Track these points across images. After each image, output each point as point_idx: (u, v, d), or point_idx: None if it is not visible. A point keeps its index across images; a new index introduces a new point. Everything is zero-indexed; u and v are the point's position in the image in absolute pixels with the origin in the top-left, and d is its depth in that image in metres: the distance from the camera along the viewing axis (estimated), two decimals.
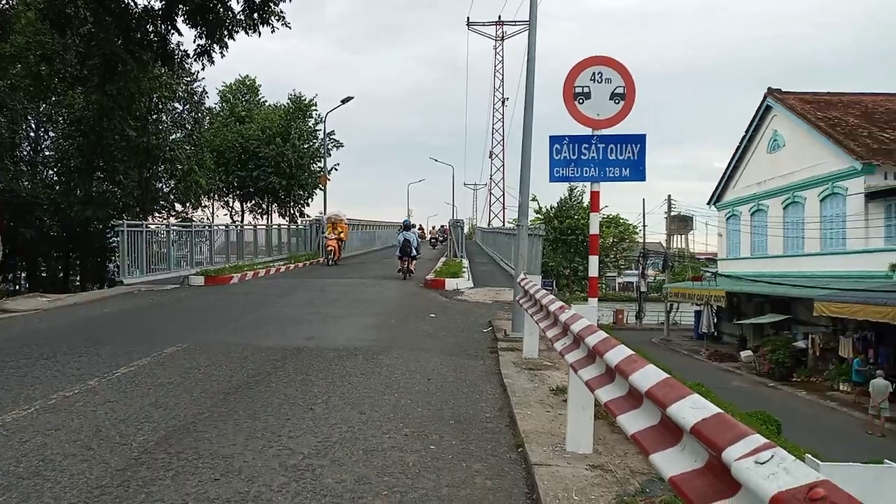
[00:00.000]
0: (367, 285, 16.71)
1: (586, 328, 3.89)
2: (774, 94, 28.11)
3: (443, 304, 13.75)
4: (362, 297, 14.13)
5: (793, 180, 26.43)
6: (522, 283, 7.83)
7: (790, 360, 23.68)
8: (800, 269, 25.44)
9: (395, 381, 6.67)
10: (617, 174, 7.14)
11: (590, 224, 7.35)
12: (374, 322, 10.75)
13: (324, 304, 12.92)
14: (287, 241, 28.00)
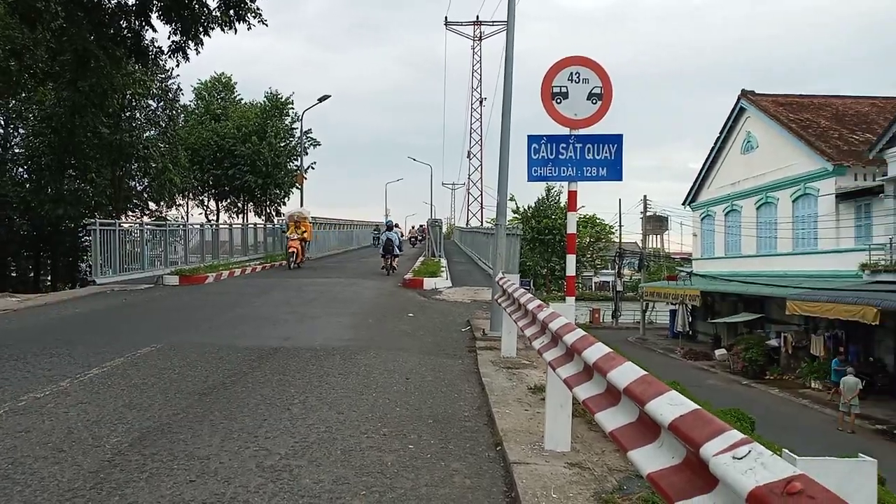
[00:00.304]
0: (345, 285, 16.63)
1: (564, 326, 3.91)
2: (748, 96, 28.52)
3: (421, 303, 13.74)
4: (340, 297, 14.07)
5: (766, 181, 26.85)
6: (501, 282, 7.85)
7: (763, 359, 24.05)
8: (773, 269, 25.85)
9: (373, 380, 6.64)
10: (594, 174, 7.18)
11: (567, 223, 7.38)
12: (351, 322, 10.70)
13: (301, 303, 12.85)
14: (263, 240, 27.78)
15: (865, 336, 20.34)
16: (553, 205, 48.43)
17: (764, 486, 1.44)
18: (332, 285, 16.47)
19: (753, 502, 1.45)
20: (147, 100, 29.13)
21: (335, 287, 16.07)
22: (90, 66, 16.88)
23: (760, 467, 1.50)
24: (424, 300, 14.29)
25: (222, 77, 43.69)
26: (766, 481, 1.45)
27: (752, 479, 1.48)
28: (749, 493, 1.47)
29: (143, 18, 16.29)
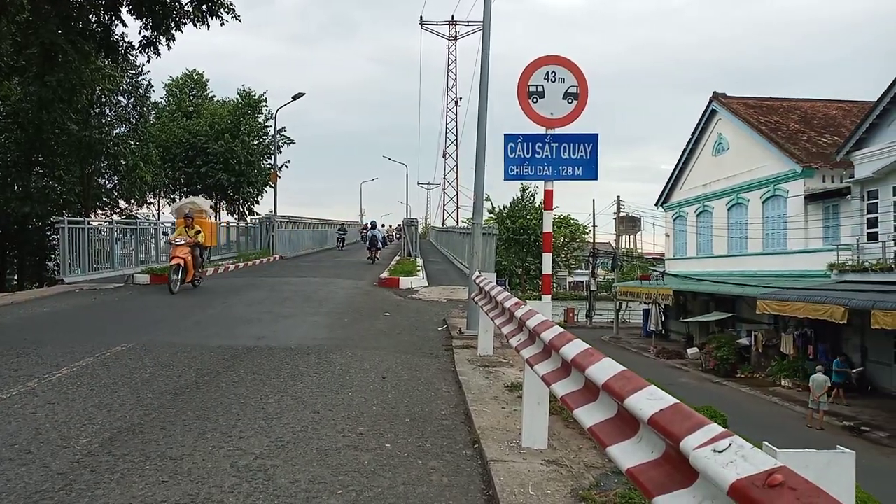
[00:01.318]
0: (320, 284, 16.54)
1: (542, 323, 3.91)
2: (719, 98, 28.95)
3: (397, 302, 13.74)
4: (314, 297, 14.00)
5: (736, 182, 27.28)
6: (478, 281, 7.86)
7: (734, 357, 24.43)
8: (743, 269, 26.28)
9: (349, 379, 6.61)
10: (570, 173, 7.23)
11: (543, 222, 7.42)
12: (326, 321, 10.66)
13: (274, 303, 12.77)
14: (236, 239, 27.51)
15: (833, 335, 20.77)
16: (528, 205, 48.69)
17: (745, 478, 1.45)
18: (306, 284, 16.37)
19: (735, 495, 1.46)
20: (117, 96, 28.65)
21: (310, 286, 15.98)
22: (58, 61, 16.55)
23: (741, 460, 1.51)
24: (400, 299, 14.28)
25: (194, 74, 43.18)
26: (747, 474, 1.45)
27: (734, 471, 1.49)
28: (730, 485, 1.47)
29: (112, 12, 16.02)
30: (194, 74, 43.10)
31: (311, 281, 17.37)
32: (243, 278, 18.01)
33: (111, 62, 22.92)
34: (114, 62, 22.64)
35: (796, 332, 22.08)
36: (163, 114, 39.22)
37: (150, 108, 32.41)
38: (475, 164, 9.47)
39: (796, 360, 21.84)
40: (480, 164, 9.44)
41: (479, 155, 9.43)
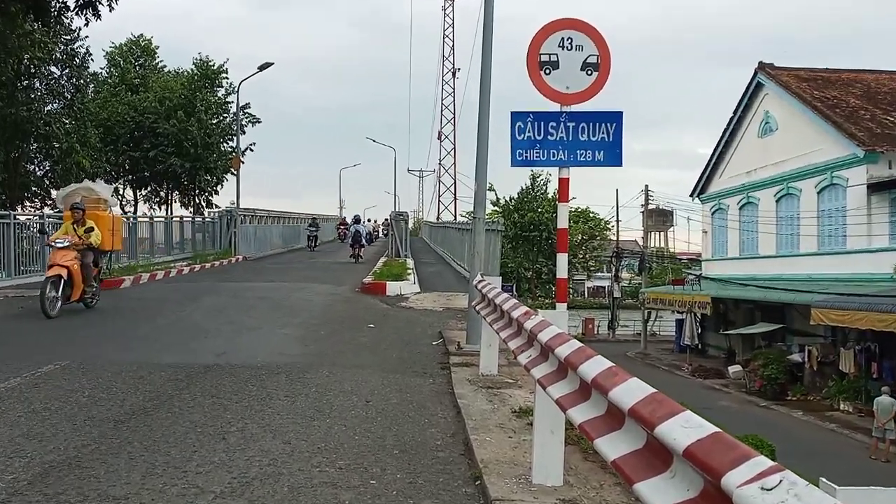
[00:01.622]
0: (291, 289, 16.58)
1: (556, 337, 3.92)
2: (766, 69, 28.98)
3: (383, 311, 13.82)
4: (285, 304, 14.04)
5: (786, 169, 27.34)
6: (479, 287, 7.87)
7: (784, 376, 24.49)
8: (795, 272, 26.33)
9: (326, 403, 6.62)
10: (589, 158, 7.24)
11: (557, 217, 7.44)
12: (299, 333, 10.69)
13: (238, 312, 12.81)
14: (191, 236, 27.53)
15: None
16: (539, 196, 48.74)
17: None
18: (275, 290, 16.41)
19: None
20: (49, 66, 28.55)
21: (279, 292, 16.02)
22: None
23: (794, 500, 1.51)
24: (388, 308, 14.36)
25: (141, 40, 43.06)
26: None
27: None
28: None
29: None
30: (141, 41, 43.00)
31: (282, 286, 17.41)
32: (200, 283, 18.01)
33: (41, 26, 22.88)
34: (45, 26, 22.61)
35: (858, 347, 22.11)
36: (104, 87, 39.11)
37: (89, 81, 32.33)
38: (477, 148, 9.49)
39: (858, 379, 21.89)
40: (483, 148, 9.46)
41: (481, 137, 9.44)
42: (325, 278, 19.78)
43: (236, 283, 18.04)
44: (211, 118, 39.56)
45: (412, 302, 15.48)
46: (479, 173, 9.59)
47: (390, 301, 15.46)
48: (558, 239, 7.40)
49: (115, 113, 37.76)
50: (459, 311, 13.43)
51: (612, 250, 47.77)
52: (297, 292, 16.15)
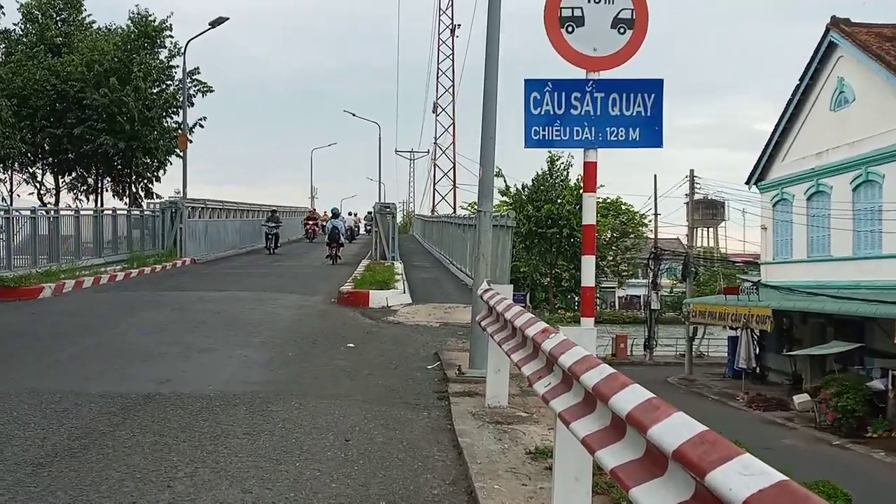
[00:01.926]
0: (252, 301, 16.61)
1: (582, 361, 3.93)
2: (841, 26, 28.93)
3: (366, 328, 13.90)
4: (244, 319, 14.09)
5: (865, 150, 27.29)
6: (486, 297, 7.88)
7: (863, 408, 24.47)
8: (876, 278, 26.30)
9: (295, 443, 6.63)
10: (622, 137, 7.25)
11: (583, 209, 7.45)
12: (262, 356, 10.73)
13: (185, 329, 12.84)
14: (127, 234, 27.51)
15: None
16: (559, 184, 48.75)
17: None
18: (232, 301, 16.44)
19: None
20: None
21: (237, 304, 16.06)
22: None
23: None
24: (371, 323, 14.44)
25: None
26: None
27: None
28: None
29: None
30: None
31: (240, 296, 17.43)
32: (137, 292, 18.01)
33: None
34: None
35: None
36: (17, 49, 39.09)
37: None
38: (482, 124, 9.48)
39: None
40: (489, 124, 9.45)
41: (486, 110, 9.44)
42: (293, 286, 19.80)
43: (183, 292, 18.04)
44: (151, 86, 39.51)
45: (402, 316, 15.53)
46: (484, 155, 9.59)
47: (374, 315, 15.49)
48: (584, 237, 7.40)
49: (31, 80, 37.66)
50: (460, 328, 13.48)
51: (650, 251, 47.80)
52: (260, 304, 16.18)
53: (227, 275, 23.24)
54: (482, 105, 9.50)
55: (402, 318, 15.26)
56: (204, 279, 21.55)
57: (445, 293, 19.83)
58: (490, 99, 9.45)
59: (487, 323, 7.60)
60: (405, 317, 15.40)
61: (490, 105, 9.45)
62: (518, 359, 5.63)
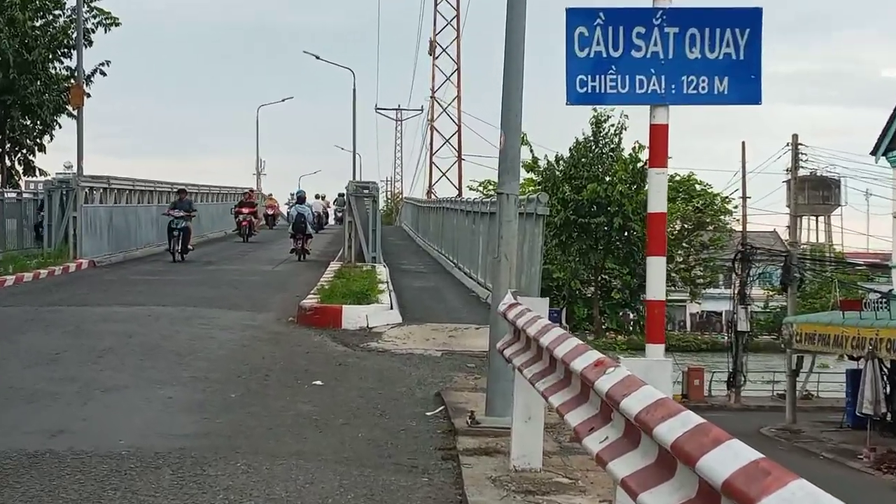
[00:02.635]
0: (177, 320, 16.60)
1: (655, 406, 3.91)
2: None
3: (339, 358, 13.95)
4: (167, 345, 14.08)
5: None
6: (511, 315, 7.86)
7: None
8: None
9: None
10: (704, 90, 7.27)
11: (648, 191, 7.46)
12: (194, 397, 10.74)
13: (85, 358, 12.81)
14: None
15: None
16: (608, 154, 48.76)
17: None
18: (149, 320, 16.47)
19: None
20: None
21: (156, 324, 16.11)
22: None
23: None
24: (346, 351, 14.52)
25: None
26: None
27: None
28: None
29: None
30: None
31: (160, 314, 17.41)
32: (14, 307, 17.98)
33: None
34: None
35: None
36: None
37: None
38: (504, 71, 9.48)
39: None
40: (514, 71, 9.46)
41: (510, 52, 9.44)
42: (234, 299, 19.81)
43: (80, 307, 17.99)
44: (32, 18, 39.53)
45: (388, 341, 15.55)
46: (508, 114, 9.58)
47: (350, 340, 15.53)
48: (649, 230, 7.42)
49: None
50: (472, 358, 13.53)
51: (735, 249, 47.71)
52: (188, 325, 16.15)
53: (142, 283, 23.20)
54: (505, 44, 9.49)
55: (389, 343, 15.26)
56: (109, 289, 21.49)
57: (449, 309, 19.81)
58: (515, 34, 9.43)
59: (513, 352, 7.58)
60: (393, 342, 15.39)
61: (515, 43, 9.43)
62: (559, 402, 5.62)
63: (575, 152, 48.56)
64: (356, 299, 18.15)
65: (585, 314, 48.66)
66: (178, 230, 30.50)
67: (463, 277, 25.44)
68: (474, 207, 25.52)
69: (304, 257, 30.22)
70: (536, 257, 18.75)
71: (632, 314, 52.83)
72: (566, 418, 5.32)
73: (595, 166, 47.85)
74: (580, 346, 5.78)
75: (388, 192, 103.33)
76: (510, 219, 9.86)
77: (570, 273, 47.84)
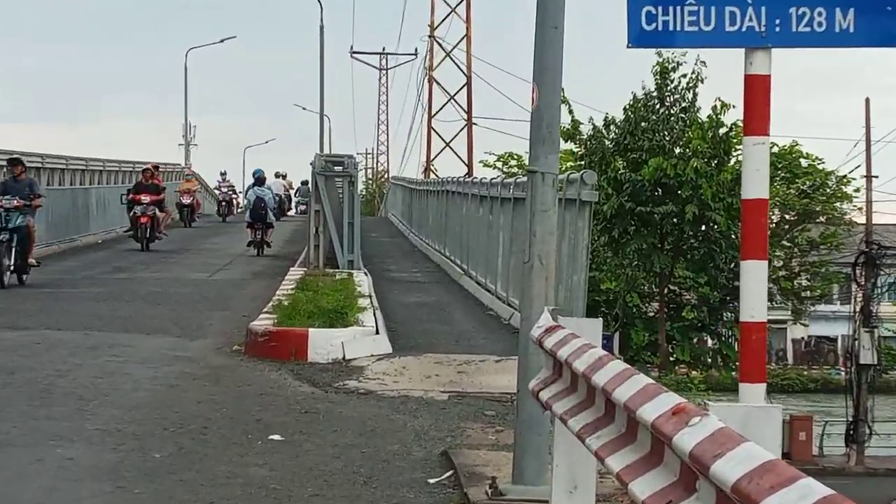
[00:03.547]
0: (77, 349, 16.67)
1: (762, 472, 3.93)
2: None
3: (304, 403, 13.91)
4: (65, 385, 14.12)
5: None
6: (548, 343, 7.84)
7: None
8: None
9: None
10: (820, 27, 7.29)
11: (742, 170, 7.48)
12: (103, 457, 10.73)
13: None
14: None
15: None
16: (677, 116, 48.69)
17: None
18: (38, 350, 16.54)
19: None
20: None
21: (49, 354, 16.18)
22: None
23: None
24: (314, 394, 14.52)
25: None
26: None
27: None
28: None
29: None
30: None
31: (54, 340, 17.53)
32: None
33: None
34: None
35: None
36: None
37: None
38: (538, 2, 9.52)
39: None
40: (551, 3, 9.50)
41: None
42: (157, 320, 19.87)
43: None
44: None
45: (373, 378, 15.53)
46: (542, 62, 9.61)
47: (320, 377, 15.53)
48: (745, 224, 7.44)
49: None
50: (492, 402, 13.55)
51: (856, 249, 47.72)
52: (93, 356, 16.19)
53: (29, 298, 23.24)
54: None
55: (375, 382, 15.22)
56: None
57: (458, 333, 19.80)
58: None
59: (553, 394, 7.58)
60: (380, 381, 15.34)
61: None
62: (621, 466, 5.63)
63: (632, 114, 48.46)
64: (328, 320, 18.08)
65: (646, 340, 48.66)
66: (6, 231, 25.90)
67: (476, 289, 25.47)
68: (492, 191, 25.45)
69: (262, 251, 32.35)
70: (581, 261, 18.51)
71: (711, 340, 52.69)
72: (631, 488, 5.31)
73: (660, 133, 47.77)
74: (651, 387, 5.77)
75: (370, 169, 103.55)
76: (546, 207, 9.86)
77: (626, 283, 47.78)
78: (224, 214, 55.37)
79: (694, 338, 50.88)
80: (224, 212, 56.94)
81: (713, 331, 50.13)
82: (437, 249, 35.34)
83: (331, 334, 17.41)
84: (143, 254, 34.68)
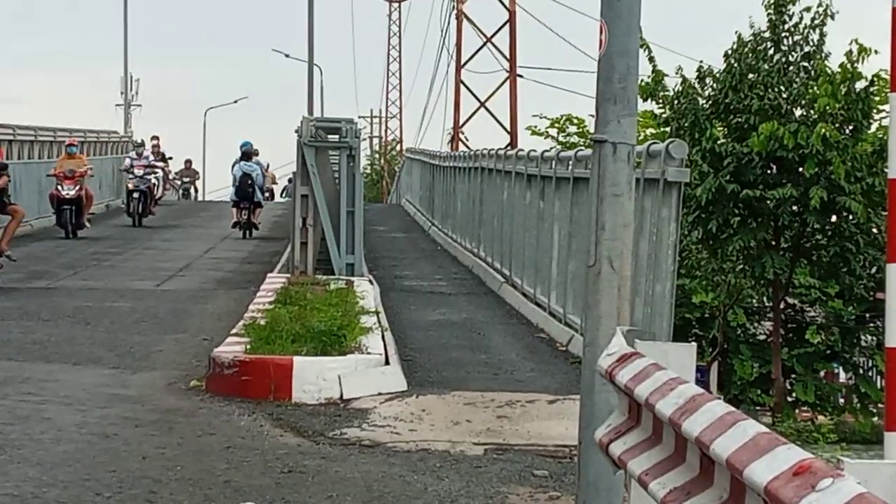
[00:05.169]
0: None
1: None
2: None
3: (288, 458, 13.83)
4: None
5: None
6: (622, 376, 7.85)
7: None
8: None
9: None
10: None
11: (889, 139, 7.49)
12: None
13: None
14: None
15: None
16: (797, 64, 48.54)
17: None
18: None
19: None
20: None
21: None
22: None
23: None
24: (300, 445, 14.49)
25: None
26: None
27: None
28: None
29: None
30: None
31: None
32: None
33: None
34: None
35: None
36: None
37: None
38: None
39: None
40: None
41: None
42: (87, 345, 19.93)
43: None
44: None
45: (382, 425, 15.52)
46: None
47: (309, 423, 15.54)
48: (891, 216, 7.44)
49: None
50: (543, 458, 13.51)
51: None
52: (1, 394, 16.28)
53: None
54: None
55: (385, 431, 15.20)
56: None
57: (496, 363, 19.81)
58: None
59: (628, 447, 7.58)
60: (391, 428, 15.33)
61: None
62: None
63: (735, 62, 47.96)
64: (319, 345, 17.98)
65: (755, 374, 48.49)
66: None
67: (521, 303, 25.49)
68: (544, 168, 25.30)
69: (250, 233, 34.83)
70: (666, 265, 18.39)
71: (844, 373, 52.41)
72: None
73: (774, 89, 47.47)
74: (763, 438, 5.76)
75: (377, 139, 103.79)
76: (619, 191, 9.86)
77: (727, 295, 47.60)
78: (136, 213, 43.72)
79: (821, 370, 50.60)
80: (135, 208, 43.94)
81: (847, 360, 49.82)
82: (469, 249, 35.36)
83: (323, 364, 17.31)
84: (66, 254, 34.69)
